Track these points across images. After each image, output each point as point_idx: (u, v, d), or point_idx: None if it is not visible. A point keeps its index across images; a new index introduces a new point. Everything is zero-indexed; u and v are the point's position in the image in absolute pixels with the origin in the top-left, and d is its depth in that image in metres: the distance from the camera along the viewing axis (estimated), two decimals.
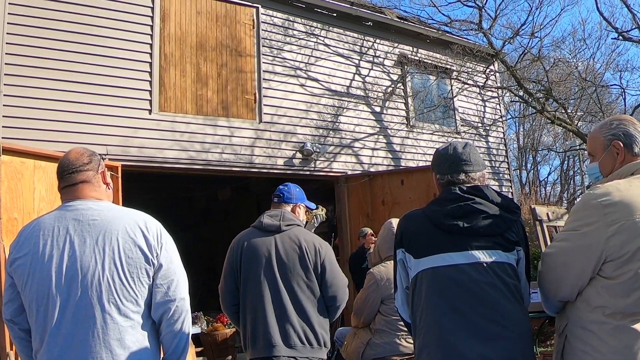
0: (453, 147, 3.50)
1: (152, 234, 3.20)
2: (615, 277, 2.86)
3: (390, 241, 5.30)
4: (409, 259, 3.34)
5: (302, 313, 4.49)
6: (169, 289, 3.20)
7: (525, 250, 3.37)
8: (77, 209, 3.17)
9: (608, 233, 2.84)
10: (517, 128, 35.84)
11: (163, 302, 3.18)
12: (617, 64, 20.81)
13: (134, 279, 3.09)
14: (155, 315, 3.19)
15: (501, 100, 18.63)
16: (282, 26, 13.48)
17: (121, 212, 3.27)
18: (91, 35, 10.69)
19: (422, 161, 15.01)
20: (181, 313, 3.25)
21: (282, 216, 4.77)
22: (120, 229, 3.13)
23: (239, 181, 16.23)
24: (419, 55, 15.98)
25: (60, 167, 3.33)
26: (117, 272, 3.05)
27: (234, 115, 12.11)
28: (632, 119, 3.25)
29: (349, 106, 14.18)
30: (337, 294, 4.65)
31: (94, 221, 3.12)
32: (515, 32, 16.35)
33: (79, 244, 3.05)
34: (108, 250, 3.06)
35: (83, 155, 3.37)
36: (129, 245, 3.11)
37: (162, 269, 3.19)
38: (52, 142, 9.56)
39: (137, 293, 3.09)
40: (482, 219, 3.20)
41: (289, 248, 4.60)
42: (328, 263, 4.64)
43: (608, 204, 2.89)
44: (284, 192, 5.01)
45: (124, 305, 3.04)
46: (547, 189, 40.38)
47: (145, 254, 3.13)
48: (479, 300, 3.08)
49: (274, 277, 4.54)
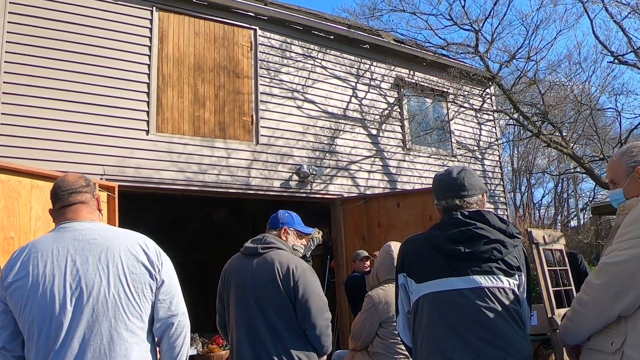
0: (448, 173, 3.56)
1: (152, 252, 3.27)
2: None
3: (389, 264, 5.31)
4: (410, 283, 3.35)
5: (277, 338, 4.44)
6: (171, 304, 3.25)
7: (526, 275, 3.38)
8: (75, 229, 3.20)
9: None
10: (511, 151, 36.01)
11: (166, 317, 3.23)
12: (613, 87, 20.90)
13: (139, 295, 3.13)
14: (158, 330, 3.23)
15: (497, 123, 18.68)
16: (280, 48, 13.52)
17: (120, 232, 3.33)
18: (89, 55, 10.71)
19: (418, 184, 15.03)
20: (183, 328, 3.30)
21: (263, 240, 4.77)
22: (121, 246, 3.17)
23: (235, 203, 16.20)
24: (416, 78, 16.01)
25: (58, 188, 3.36)
26: (122, 288, 3.09)
27: (231, 136, 12.12)
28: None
29: (346, 129, 14.19)
30: (309, 316, 4.51)
31: (94, 240, 3.15)
32: (512, 55, 16.41)
33: (81, 262, 3.08)
34: (112, 267, 3.09)
35: (81, 178, 3.43)
36: (132, 262, 3.16)
37: (164, 284, 3.26)
38: (49, 162, 9.53)
39: (142, 309, 3.14)
40: (483, 244, 3.21)
41: (262, 271, 4.57)
42: (302, 284, 4.53)
43: None
44: (271, 218, 5.05)
45: (130, 321, 3.08)
46: (541, 211, 40.52)
47: (148, 270, 3.19)
48: (480, 325, 3.09)
49: (247, 300, 4.54)
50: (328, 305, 4.73)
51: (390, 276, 5.28)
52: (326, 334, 4.61)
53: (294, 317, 4.51)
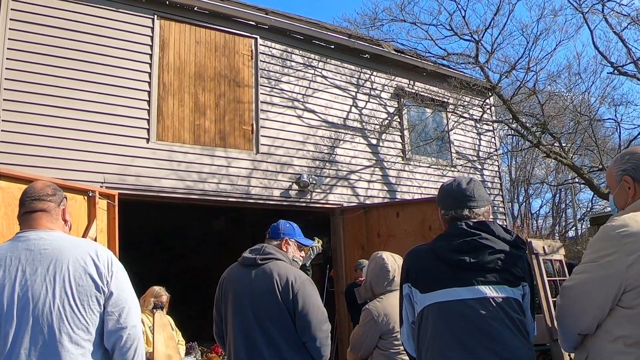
0: (457, 183, 3.54)
1: (102, 262, 3.22)
2: (635, 306, 2.87)
3: (384, 277, 5.30)
4: (415, 293, 3.34)
5: (274, 348, 4.42)
6: (120, 316, 3.21)
7: (530, 286, 3.38)
8: (28, 239, 3.19)
9: (628, 262, 2.86)
10: (509, 161, 36.01)
11: (115, 329, 3.19)
12: (612, 98, 20.90)
13: (84, 307, 3.10)
14: (108, 343, 3.20)
15: (496, 133, 18.70)
16: (280, 57, 13.54)
17: (72, 242, 3.29)
18: (90, 62, 10.74)
19: (418, 194, 15.05)
20: (133, 341, 3.25)
21: (261, 250, 4.75)
22: (70, 257, 3.15)
23: (235, 212, 16.21)
24: (416, 88, 16.05)
25: (24, 194, 3.38)
26: (67, 300, 3.06)
27: (231, 145, 12.13)
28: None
29: (346, 138, 14.22)
30: (309, 328, 4.52)
31: (45, 250, 3.13)
32: (512, 66, 16.42)
33: (30, 273, 3.07)
34: (58, 279, 3.07)
35: (48, 187, 3.43)
36: (79, 274, 3.12)
37: (113, 296, 3.21)
38: (49, 169, 9.57)
39: (88, 321, 3.10)
40: (488, 254, 3.22)
41: (262, 283, 4.55)
42: (301, 296, 4.52)
43: (626, 234, 2.91)
44: (272, 228, 5.01)
45: (75, 333, 3.05)
46: (538, 221, 40.48)
47: (95, 281, 3.15)
48: (485, 335, 3.08)
49: (245, 311, 4.52)
50: (327, 315, 4.71)
51: (387, 288, 5.27)
52: (326, 345, 4.61)
53: (293, 328, 4.50)
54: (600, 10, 16.10)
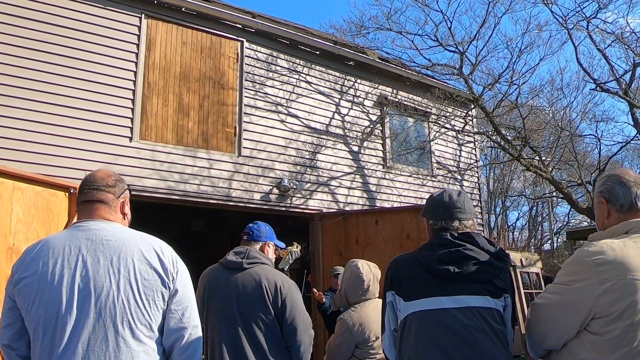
0: (448, 195, 3.57)
1: (167, 258, 3.14)
2: (602, 333, 2.92)
3: (359, 286, 5.31)
4: (398, 301, 3.36)
5: (260, 352, 4.44)
6: (183, 315, 3.12)
7: (512, 298, 3.43)
8: (89, 228, 3.09)
9: (599, 291, 2.90)
10: (487, 173, 36.12)
11: (177, 328, 3.10)
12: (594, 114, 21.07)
13: (149, 302, 3.00)
14: (167, 342, 3.10)
15: (477, 145, 18.79)
16: (266, 61, 13.56)
17: (135, 234, 3.19)
18: (76, 59, 10.70)
19: (397, 202, 15.10)
20: (194, 341, 3.16)
21: (246, 254, 4.75)
22: (135, 250, 3.06)
23: (214, 214, 16.18)
24: (399, 97, 16.11)
25: (83, 182, 3.27)
26: (132, 294, 2.96)
27: (213, 147, 12.12)
28: (623, 172, 3.35)
29: (328, 144, 14.24)
30: (295, 334, 4.59)
31: (107, 241, 3.04)
32: (496, 79, 16.52)
33: (92, 263, 2.97)
34: (123, 271, 2.97)
35: (110, 177, 3.31)
36: (145, 267, 3.04)
37: (178, 294, 3.12)
38: (31, 164, 9.50)
39: (152, 317, 3.01)
40: (472, 265, 3.26)
41: (249, 286, 4.56)
42: (289, 302, 4.58)
43: (601, 262, 2.95)
44: (253, 230, 5.00)
45: (138, 329, 2.94)
46: (515, 234, 40.68)
47: (161, 277, 3.06)
48: (467, 345, 3.12)
49: (232, 315, 4.52)
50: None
51: (362, 297, 5.28)
52: (308, 351, 4.68)
53: (279, 332, 4.54)
54: (585, 27, 16.27)
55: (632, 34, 16.31)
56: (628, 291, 2.88)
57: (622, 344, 2.88)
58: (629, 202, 3.20)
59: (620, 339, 2.88)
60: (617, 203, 3.22)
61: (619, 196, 3.22)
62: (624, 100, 16.42)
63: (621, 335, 2.88)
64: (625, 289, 2.88)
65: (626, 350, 2.88)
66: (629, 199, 3.20)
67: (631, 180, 3.25)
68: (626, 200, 3.20)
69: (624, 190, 3.22)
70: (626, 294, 2.87)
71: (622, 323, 2.88)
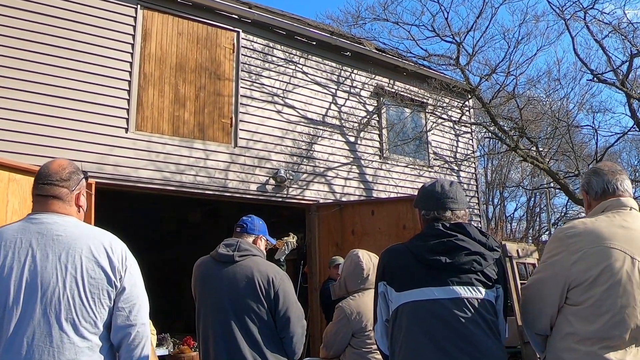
0: (440, 185, 3.58)
1: (116, 256, 3.14)
2: (580, 302, 3.06)
3: (358, 275, 5.30)
4: (390, 291, 3.37)
5: (254, 344, 4.44)
6: (131, 313, 3.13)
7: (504, 288, 3.44)
8: (42, 222, 3.10)
9: (571, 260, 3.08)
10: (485, 164, 36.12)
11: (124, 326, 3.11)
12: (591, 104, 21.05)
13: (94, 300, 3.02)
14: (115, 339, 3.12)
15: (474, 135, 18.78)
16: (262, 52, 13.53)
17: (87, 230, 3.19)
18: (71, 50, 10.66)
19: (394, 193, 15.09)
20: (142, 339, 3.18)
21: (237, 246, 4.73)
22: (84, 247, 3.06)
23: (210, 205, 16.18)
24: (396, 87, 16.09)
25: (38, 175, 3.27)
26: (77, 291, 2.98)
27: (209, 138, 12.11)
28: (600, 165, 3.59)
29: (324, 135, 14.23)
30: (288, 325, 4.60)
31: (58, 236, 3.05)
32: (493, 69, 16.48)
33: (40, 258, 2.98)
34: (70, 268, 2.99)
35: (64, 170, 3.30)
36: (92, 265, 3.04)
37: (125, 292, 3.13)
38: (27, 155, 9.46)
39: (97, 314, 3.02)
40: (464, 255, 3.27)
41: (240, 279, 4.56)
42: (282, 293, 4.59)
43: (572, 234, 3.16)
44: (247, 223, 5.00)
45: (82, 326, 2.97)
46: (512, 225, 40.65)
47: (108, 275, 3.07)
48: (459, 335, 3.13)
49: (224, 308, 4.52)
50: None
51: (361, 286, 5.29)
52: (301, 342, 4.70)
53: (272, 324, 4.55)
54: (582, 17, 16.20)
55: (630, 25, 16.25)
56: (600, 258, 3.03)
57: (601, 311, 3.00)
58: (602, 188, 3.39)
59: (598, 306, 3.00)
60: (592, 192, 3.44)
61: (593, 185, 3.44)
62: (621, 91, 16.39)
63: (599, 302, 3.00)
64: (597, 256, 3.04)
65: (606, 317, 2.99)
66: (602, 186, 3.39)
67: (605, 169, 3.46)
68: (599, 187, 3.40)
69: (597, 179, 3.43)
70: (598, 260, 3.03)
71: (597, 289, 3.01)
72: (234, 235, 4.99)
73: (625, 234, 3.08)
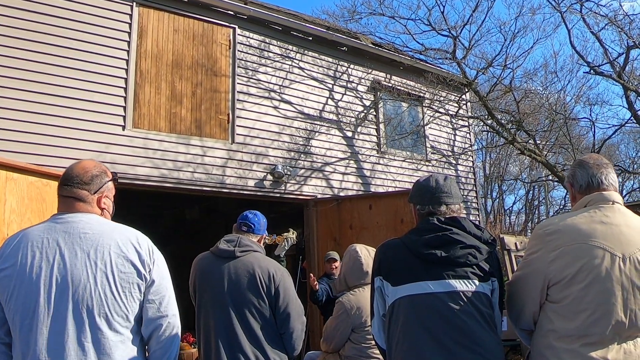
0: (435, 180, 3.59)
1: (144, 250, 3.18)
2: (560, 300, 3.07)
3: (358, 270, 5.33)
4: (386, 286, 3.38)
5: (254, 340, 4.47)
6: (161, 304, 3.18)
7: (499, 281, 3.45)
8: (67, 221, 3.12)
9: (550, 257, 3.09)
10: (483, 157, 36.15)
11: (155, 318, 3.16)
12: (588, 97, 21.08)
13: (125, 294, 3.05)
14: (146, 331, 3.16)
15: (472, 129, 18.78)
16: (258, 48, 13.52)
17: (112, 227, 3.21)
18: (68, 48, 10.65)
19: (392, 187, 15.10)
20: (172, 329, 3.23)
21: (238, 242, 4.76)
22: (112, 243, 3.09)
23: (208, 201, 16.16)
24: (393, 82, 16.09)
25: (62, 176, 3.30)
26: (109, 286, 3.00)
27: (207, 134, 12.10)
28: (585, 157, 3.54)
29: (321, 130, 14.23)
30: (289, 321, 4.63)
31: (85, 234, 3.07)
32: (489, 62, 16.51)
33: (69, 256, 3.00)
34: (100, 264, 3.01)
35: (87, 172, 3.31)
36: (121, 260, 3.07)
37: (155, 284, 3.18)
38: (24, 154, 9.47)
39: (128, 308, 3.06)
40: (459, 249, 3.28)
41: (241, 275, 4.58)
42: (282, 289, 4.62)
43: (550, 232, 3.16)
44: (254, 223, 5.01)
45: (115, 320, 3.00)
46: (511, 218, 40.72)
47: (137, 269, 3.10)
48: (455, 328, 3.14)
49: (225, 303, 4.53)
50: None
51: (361, 281, 5.30)
52: (300, 337, 4.72)
53: (272, 320, 4.58)
54: (578, 10, 16.24)
55: (626, 17, 16.30)
56: (578, 255, 3.03)
57: (580, 308, 3.00)
58: (586, 181, 3.35)
59: (577, 304, 3.01)
60: (577, 185, 3.41)
61: (577, 178, 3.40)
62: (618, 84, 16.43)
63: (578, 299, 3.00)
64: (575, 254, 3.04)
65: (586, 314, 2.99)
66: (586, 179, 3.36)
67: (590, 162, 3.42)
68: (583, 181, 3.37)
69: (581, 172, 3.39)
70: (576, 258, 3.03)
71: (575, 287, 3.01)
72: (237, 232, 4.99)
73: (604, 230, 3.07)
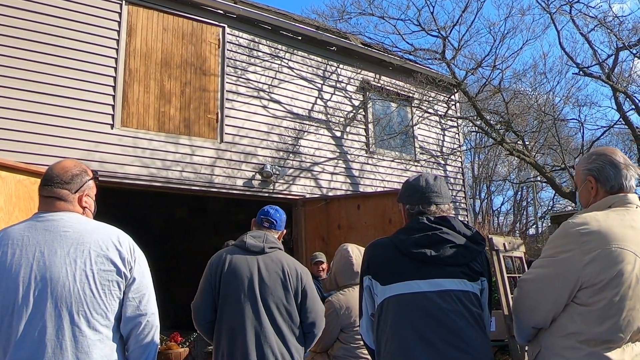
0: (425, 179, 3.58)
1: (125, 248, 3.17)
2: (590, 304, 2.95)
3: (348, 270, 5.31)
4: (375, 285, 3.37)
5: (281, 336, 4.50)
6: (141, 303, 3.18)
7: (488, 281, 3.45)
8: (48, 220, 3.12)
9: (585, 260, 2.93)
10: (472, 157, 36.20)
11: (134, 316, 3.15)
12: (577, 98, 21.11)
13: (105, 292, 3.04)
14: (125, 329, 3.16)
15: (460, 130, 18.81)
16: (247, 47, 13.51)
17: (93, 225, 3.22)
18: (56, 46, 10.61)
19: (381, 187, 15.11)
20: (151, 328, 3.23)
21: (265, 238, 4.77)
22: (92, 241, 3.09)
23: (197, 201, 16.15)
24: (382, 82, 16.12)
25: (44, 175, 3.30)
26: (88, 284, 3.00)
27: (195, 133, 12.08)
28: (612, 152, 3.35)
29: (310, 130, 14.23)
30: (316, 320, 4.69)
31: (65, 232, 3.07)
32: (478, 63, 16.54)
33: (49, 254, 2.99)
34: (79, 262, 3.01)
35: (67, 172, 3.32)
36: (101, 259, 3.06)
37: (135, 282, 3.17)
38: (12, 152, 9.44)
39: (107, 306, 3.05)
40: (449, 248, 3.27)
41: (271, 270, 4.60)
42: (309, 289, 4.68)
43: (586, 232, 2.98)
44: (276, 220, 5.04)
45: (93, 318, 3.00)
46: (499, 218, 40.79)
47: (117, 267, 3.09)
48: (445, 328, 3.13)
49: (255, 298, 4.52)
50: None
51: (351, 281, 5.29)
52: (319, 335, 4.82)
53: (296, 317, 4.63)
54: (567, 11, 16.27)
55: (615, 19, 16.34)
56: (614, 260, 2.91)
57: (609, 314, 2.91)
58: (619, 184, 3.22)
59: (607, 309, 2.91)
60: (608, 184, 3.23)
61: (610, 177, 3.23)
62: (607, 85, 16.47)
63: (608, 305, 2.91)
64: (610, 259, 2.91)
65: (614, 320, 2.91)
66: (620, 182, 3.22)
67: (622, 162, 3.26)
68: (617, 183, 3.22)
69: (615, 171, 3.23)
70: (612, 263, 2.91)
71: (609, 292, 2.90)
72: (258, 228, 5.03)
73: (634, 235, 2.99)
